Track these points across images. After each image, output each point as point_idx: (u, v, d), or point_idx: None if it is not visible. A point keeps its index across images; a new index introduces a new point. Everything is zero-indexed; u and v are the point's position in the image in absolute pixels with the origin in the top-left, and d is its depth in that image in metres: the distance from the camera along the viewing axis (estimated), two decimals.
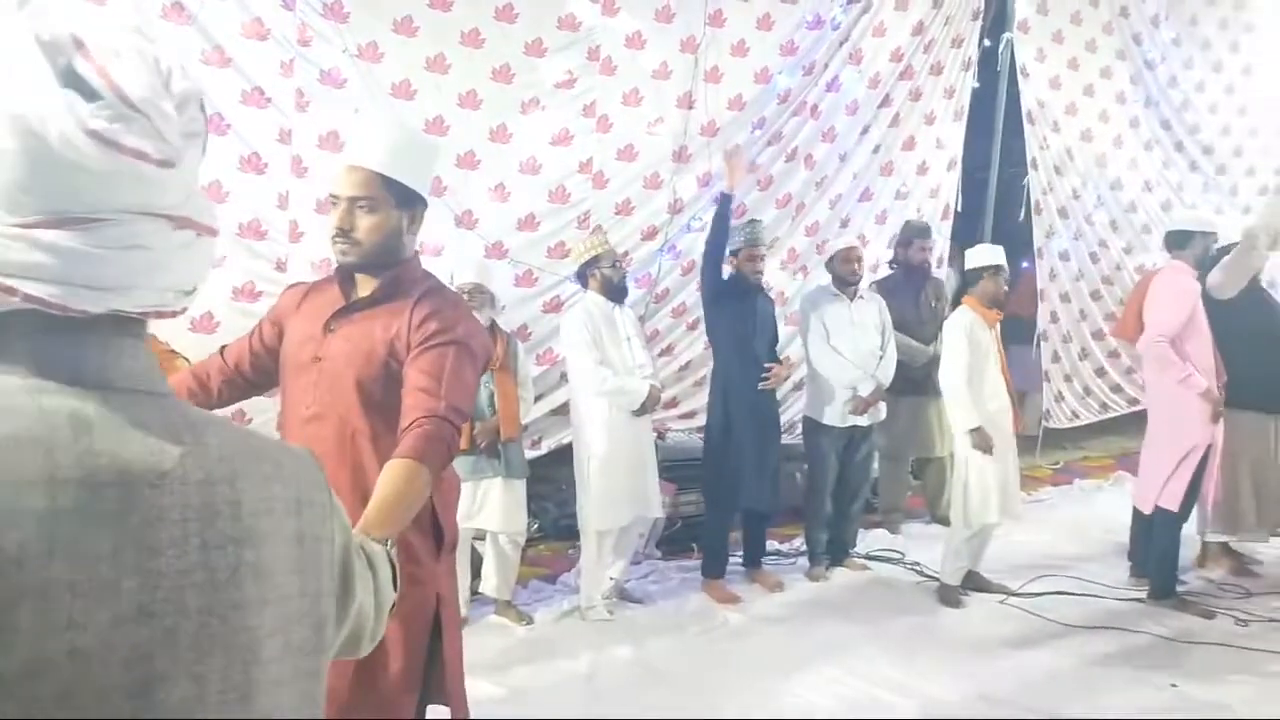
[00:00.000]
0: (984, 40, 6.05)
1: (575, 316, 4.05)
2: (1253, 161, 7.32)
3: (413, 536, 1.94)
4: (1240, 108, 7.03)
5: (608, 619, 3.97)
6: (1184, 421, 4.04)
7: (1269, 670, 3.59)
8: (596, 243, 4.11)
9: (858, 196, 5.78)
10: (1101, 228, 6.65)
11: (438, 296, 2.00)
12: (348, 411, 1.95)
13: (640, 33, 4.83)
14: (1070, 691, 3.41)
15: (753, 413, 4.25)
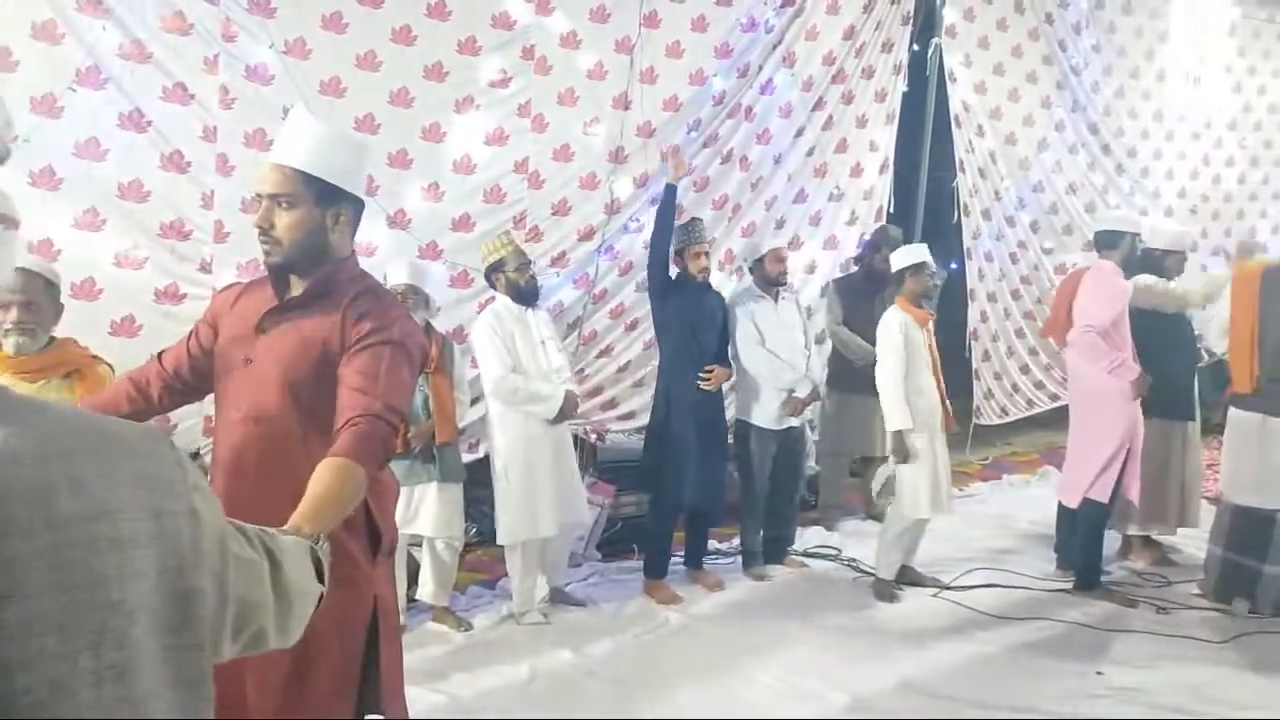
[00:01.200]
0: (913, 45, 6.16)
1: (482, 323, 3.93)
2: (1171, 165, 7.59)
3: (347, 539, 1.90)
4: (1156, 113, 7.28)
5: (543, 623, 3.94)
6: (1111, 415, 4.16)
7: (1188, 655, 3.72)
8: (498, 245, 4.00)
9: (793, 198, 5.84)
10: (1022, 229, 6.84)
11: (373, 297, 1.98)
12: (278, 413, 1.91)
13: (575, 32, 4.80)
14: (1002, 681, 3.49)
15: (696, 412, 4.24)
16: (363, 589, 1.96)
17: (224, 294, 2.15)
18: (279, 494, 1.70)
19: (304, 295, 1.97)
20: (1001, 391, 6.87)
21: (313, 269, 1.96)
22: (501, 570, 4.45)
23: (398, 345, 1.90)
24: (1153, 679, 3.50)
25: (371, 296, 1.98)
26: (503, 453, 3.92)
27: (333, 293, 1.96)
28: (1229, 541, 4.16)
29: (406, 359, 1.91)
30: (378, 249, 4.42)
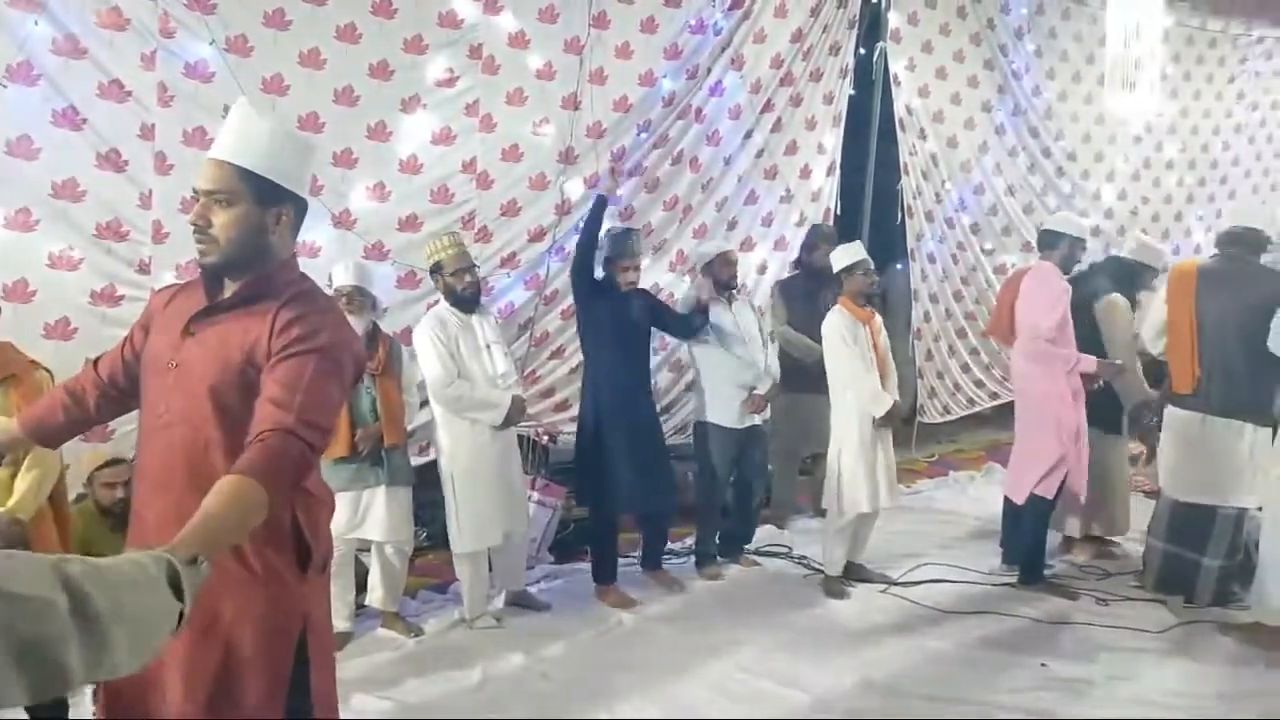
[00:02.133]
0: (859, 49, 6.24)
1: (423, 328, 3.86)
2: (1112, 166, 7.79)
3: (272, 555, 1.81)
4: (1098, 116, 7.46)
5: (496, 627, 3.91)
6: (1056, 414, 4.24)
7: (1128, 645, 3.81)
8: (438, 247, 3.91)
9: (743, 199, 5.88)
10: (963, 230, 6.96)
11: (306, 301, 1.87)
12: (201, 421, 1.82)
13: (524, 32, 4.78)
14: (951, 675, 3.54)
15: (625, 414, 4.16)
16: (289, 607, 1.86)
17: (159, 295, 2.05)
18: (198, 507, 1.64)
19: (234, 297, 1.87)
20: (944, 390, 6.98)
21: (248, 270, 1.87)
22: (452, 575, 4.41)
23: (325, 354, 1.78)
24: (1094, 670, 3.59)
25: (305, 301, 1.86)
26: (448, 459, 3.87)
27: (266, 296, 1.85)
28: (1168, 535, 4.25)
29: (335, 370, 1.80)
30: (322, 249, 4.36)
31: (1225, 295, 4.06)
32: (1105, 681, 3.49)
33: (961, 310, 7.08)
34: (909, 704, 3.32)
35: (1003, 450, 6.92)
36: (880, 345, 4.38)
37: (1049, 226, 4.54)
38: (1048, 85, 7.24)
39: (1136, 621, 4.02)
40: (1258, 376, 4.00)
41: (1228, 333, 4.03)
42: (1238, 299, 4.02)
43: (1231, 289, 4.06)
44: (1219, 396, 4.05)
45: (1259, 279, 4.05)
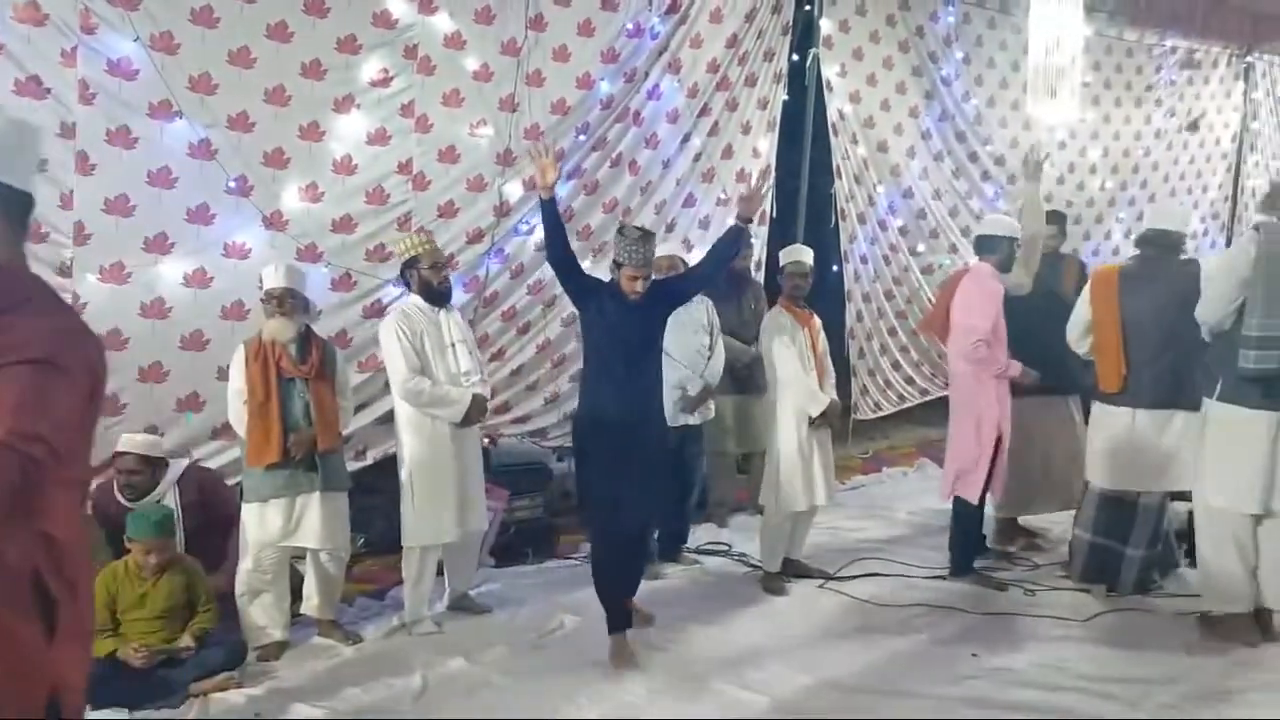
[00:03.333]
0: (793, 55, 6.34)
1: (389, 322, 3.89)
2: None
3: (8, 617, 1.54)
4: (1024, 122, 7.67)
5: (436, 632, 3.87)
6: (984, 414, 4.35)
7: (1053, 634, 3.94)
8: (414, 243, 3.96)
9: (681, 202, 5.92)
10: (893, 233, 7.12)
11: (26, 309, 1.61)
12: None
13: (460, 33, 4.75)
14: (886, 667, 3.61)
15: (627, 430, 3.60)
16: (32, 679, 1.57)
17: None
18: None
19: None
20: (876, 388, 7.13)
21: None
22: (391, 580, 4.36)
23: (44, 365, 1.54)
24: (1021, 658, 3.69)
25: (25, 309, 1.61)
26: (408, 452, 3.86)
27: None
28: (1094, 526, 4.39)
29: (60, 380, 1.56)
30: (252, 251, 4.28)
31: (1146, 294, 4.21)
32: (1033, 669, 3.60)
33: (893, 309, 7.24)
34: (848, 697, 3.38)
35: (934, 446, 7.10)
36: (819, 346, 4.46)
37: (983, 231, 4.65)
38: (976, 92, 7.44)
39: (1062, 610, 4.16)
40: (1182, 368, 4.16)
41: (1151, 329, 4.17)
42: (1159, 296, 4.18)
43: (1152, 288, 4.21)
44: (1147, 391, 4.19)
45: (1176, 276, 4.21)
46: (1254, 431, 3.65)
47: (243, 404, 3.62)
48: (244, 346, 3.68)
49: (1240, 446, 3.68)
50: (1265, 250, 3.58)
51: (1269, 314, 3.54)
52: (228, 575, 3.75)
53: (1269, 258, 3.56)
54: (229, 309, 4.28)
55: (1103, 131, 8.37)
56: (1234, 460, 3.70)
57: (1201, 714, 3.26)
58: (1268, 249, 3.58)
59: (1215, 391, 3.76)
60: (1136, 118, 8.58)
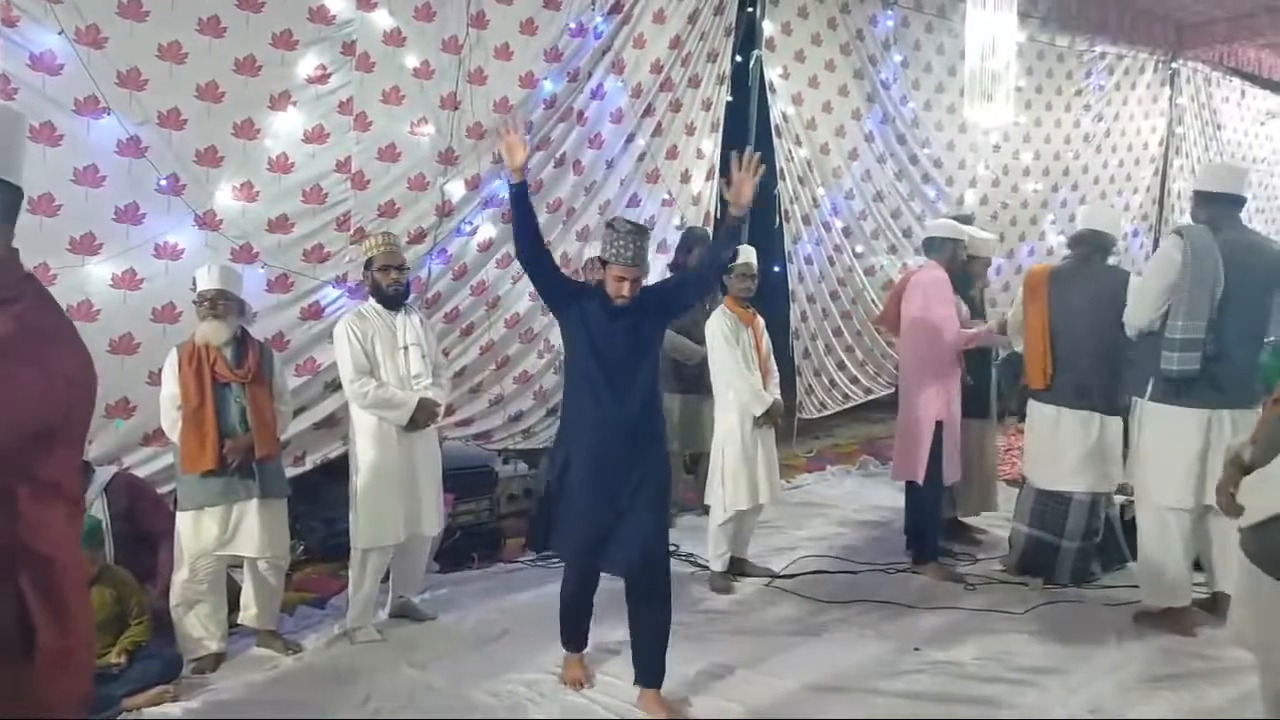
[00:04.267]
0: (736, 56, 6.38)
1: (341, 324, 3.87)
2: (974, 173, 8.20)
3: None
4: (960, 125, 7.83)
5: (378, 640, 3.80)
6: (929, 403, 4.48)
7: (993, 627, 4.01)
8: (374, 243, 3.91)
9: (626, 202, 5.92)
10: (836, 234, 7.21)
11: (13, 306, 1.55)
12: None
13: (400, 30, 4.68)
14: (832, 663, 3.64)
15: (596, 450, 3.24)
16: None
17: None
18: None
19: None
20: (821, 387, 7.21)
21: None
22: (332, 588, 4.28)
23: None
24: (963, 651, 3.76)
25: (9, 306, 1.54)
26: (359, 452, 3.82)
27: None
28: (1032, 521, 4.50)
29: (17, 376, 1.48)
30: (185, 251, 4.16)
31: (1075, 294, 4.33)
32: (975, 662, 3.67)
33: (838, 309, 7.33)
34: (794, 695, 3.40)
35: (876, 444, 7.22)
36: (763, 346, 4.49)
37: (932, 234, 4.79)
38: (914, 95, 7.57)
39: (1001, 603, 4.24)
40: (1105, 370, 4.29)
41: (1078, 330, 4.30)
42: (1086, 297, 4.30)
43: (1080, 288, 4.33)
44: (1071, 390, 4.31)
45: (1104, 277, 4.34)
46: (1186, 429, 3.76)
47: (176, 410, 3.52)
48: (177, 350, 3.57)
49: (1173, 443, 3.79)
50: (1190, 254, 3.69)
51: (1191, 316, 3.66)
52: (161, 586, 3.64)
53: (1194, 262, 3.68)
54: (160, 311, 4.15)
55: (1034, 135, 8.59)
56: (1168, 457, 3.81)
57: (1137, 702, 3.35)
58: (1192, 253, 3.69)
59: (1147, 392, 3.88)
60: (1066, 121, 8.82)
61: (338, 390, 4.52)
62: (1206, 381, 3.71)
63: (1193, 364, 3.67)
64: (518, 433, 5.60)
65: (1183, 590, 3.93)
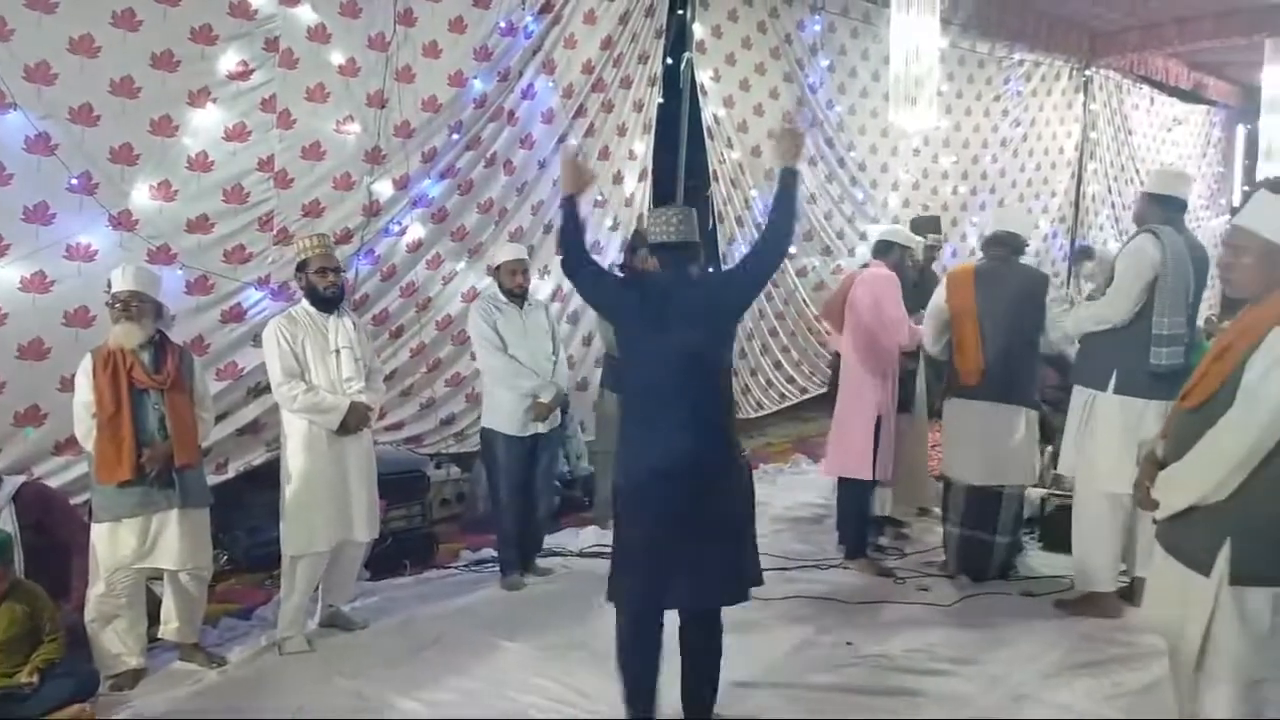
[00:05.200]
0: (667, 58, 6.41)
1: (270, 326, 3.79)
2: (897, 177, 8.39)
3: None
4: (884, 129, 8.01)
5: (307, 650, 3.71)
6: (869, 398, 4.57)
7: (923, 620, 4.10)
8: (305, 245, 3.83)
9: (558, 203, 5.87)
10: None
11: None
12: None
13: (325, 26, 4.58)
14: (766, 659, 3.67)
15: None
16: None
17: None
18: None
19: None
20: (758, 387, 7.29)
21: None
22: (258, 598, 4.17)
23: None
24: (894, 644, 3.83)
25: None
26: (289, 456, 3.75)
27: None
28: (964, 520, 4.57)
29: None
30: (99, 253, 4.01)
31: (998, 293, 4.45)
32: (905, 654, 3.74)
33: (773, 310, 7.42)
34: (727, 691, 3.41)
35: (808, 442, 7.31)
36: None
37: (884, 237, 4.91)
38: (840, 99, 7.71)
39: (929, 596, 4.34)
40: (1027, 365, 4.43)
41: (1000, 327, 4.42)
42: (1008, 296, 4.43)
43: (1002, 288, 4.46)
44: (998, 386, 4.43)
45: (1024, 277, 4.50)
46: (1149, 421, 3.87)
47: (91, 417, 3.38)
48: (91, 355, 3.43)
49: (1136, 435, 3.89)
50: (1167, 254, 3.81)
51: (1174, 312, 3.79)
52: (76, 601, 3.50)
53: (1171, 260, 3.81)
54: (72, 315, 3.98)
55: (954, 139, 8.83)
56: (1129, 448, 3.90)
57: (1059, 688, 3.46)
58: (1171, 252, 3.82)
59: (1110, 385, 3.98)
60: (985, 126, 9.09)
61: (262, 395, 4.41)
62: (1175, 375, 3.79)
63: (1179, 358, 3.77)
64: (449, 436, 5.53)
65: (1113, 577, 4.09)
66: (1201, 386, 2.54)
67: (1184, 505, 2.52)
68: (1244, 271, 2.52)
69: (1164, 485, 2.59)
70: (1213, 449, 2.45)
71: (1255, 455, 2.39)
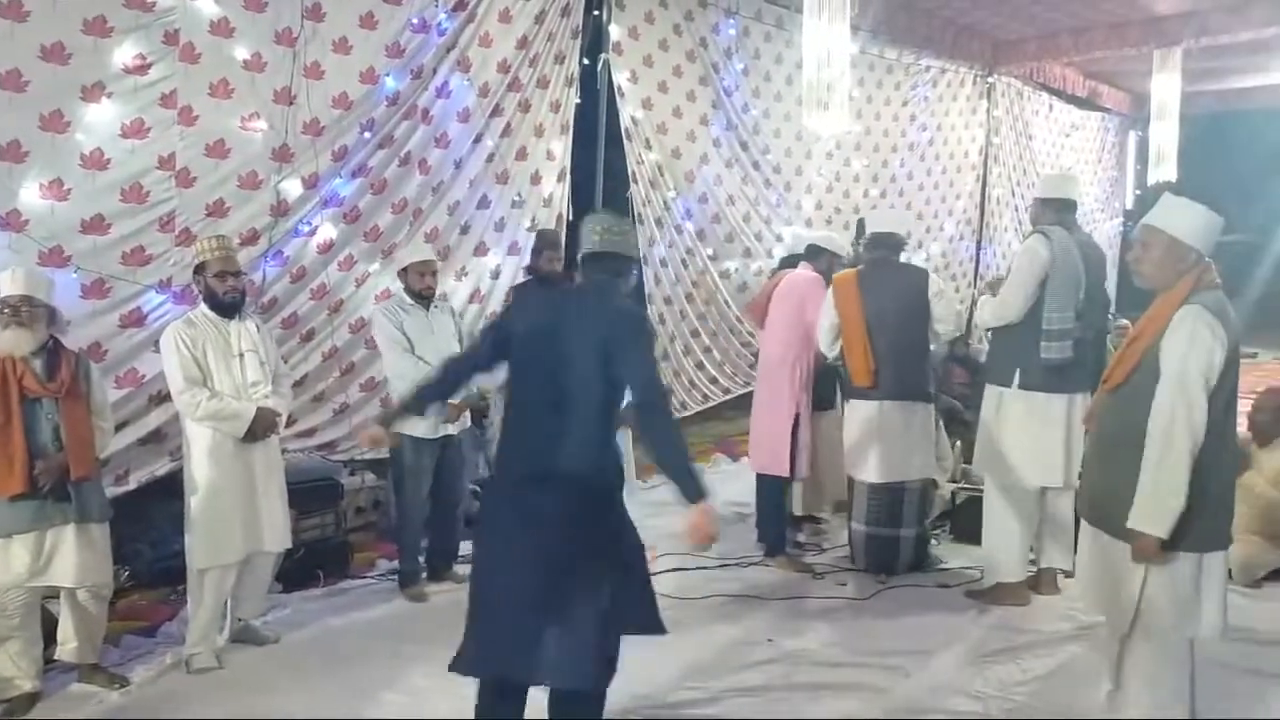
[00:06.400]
0: (584, 59, 6.39)
1: (168, 331, 3.65)
2: (810, 180, 8.54)
3: None
4: (797, 133, 8.13)
5: (216, 668, 3.58)
6: (787, 396, 4.64)
7: (840, 614, 4.19)
8: (207, 247, 3.69)
9: (475, 204, 5.82)
10: (690, 237, 7.36)
11: None
12: None
13: (228, 19, 4.42)
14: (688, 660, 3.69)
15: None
16: None
17: None
18: None
19: None
20: (681, 388, 7.33)
21: None
22: (163, 615, 4.02)
23: None
24: (813, 640, 3.90)
25: None
26: (194, 466, 3.62)
27: None
28: (869, 518, 4.67)
29: None
30: None
31: (883, 293, 4.58)
32: (823, 648, 3.81)
33: (694, 311, 7.47)
34: (649, 692, 3.43)
35: (728, 441, 7.39)
36: None
37: (817, 243, 4.99)
38: (755, 103, 7.80)
39: (846, 591, 4.44)
40: (917, 361, 4.59)
41: (891, 326, 4.55)
42: (893, 295, 4.57)
43: (887, 287, 4.60)
44: (892, 383, 4.55)
45: (906, 275, 4.70)
46: (1054, 413, 4.10)
47: None
48: None
49: (1043, 428, 4.11)
50: (1056, 253, 4.03)
51: (1062, 309, 4.01)
52: None
53: (1061, 259, 4.02)
54: None
55: (864, 144, 9.03)
56: (1038, 441, 4.13)
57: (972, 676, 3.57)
58: (1059, 250, 4.03)
59: (1014, 381, 4.16)
60: (894, 131, 9.32)
61: (164, 403, 4.23)
62: (1072, 368, 4.06)
63: (1067, 352, 4.01)
64: None
65: (1021, 567, 4.25)
66: (1120, 369, 2.82)
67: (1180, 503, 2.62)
68: (1152, 265, 2.79)
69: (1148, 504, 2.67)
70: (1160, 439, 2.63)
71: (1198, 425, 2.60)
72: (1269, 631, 3.86)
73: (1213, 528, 2.72)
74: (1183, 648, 2.79)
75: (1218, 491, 2.70)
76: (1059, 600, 4.25)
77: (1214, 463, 2.66)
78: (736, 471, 6.12)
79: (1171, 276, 2.75)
